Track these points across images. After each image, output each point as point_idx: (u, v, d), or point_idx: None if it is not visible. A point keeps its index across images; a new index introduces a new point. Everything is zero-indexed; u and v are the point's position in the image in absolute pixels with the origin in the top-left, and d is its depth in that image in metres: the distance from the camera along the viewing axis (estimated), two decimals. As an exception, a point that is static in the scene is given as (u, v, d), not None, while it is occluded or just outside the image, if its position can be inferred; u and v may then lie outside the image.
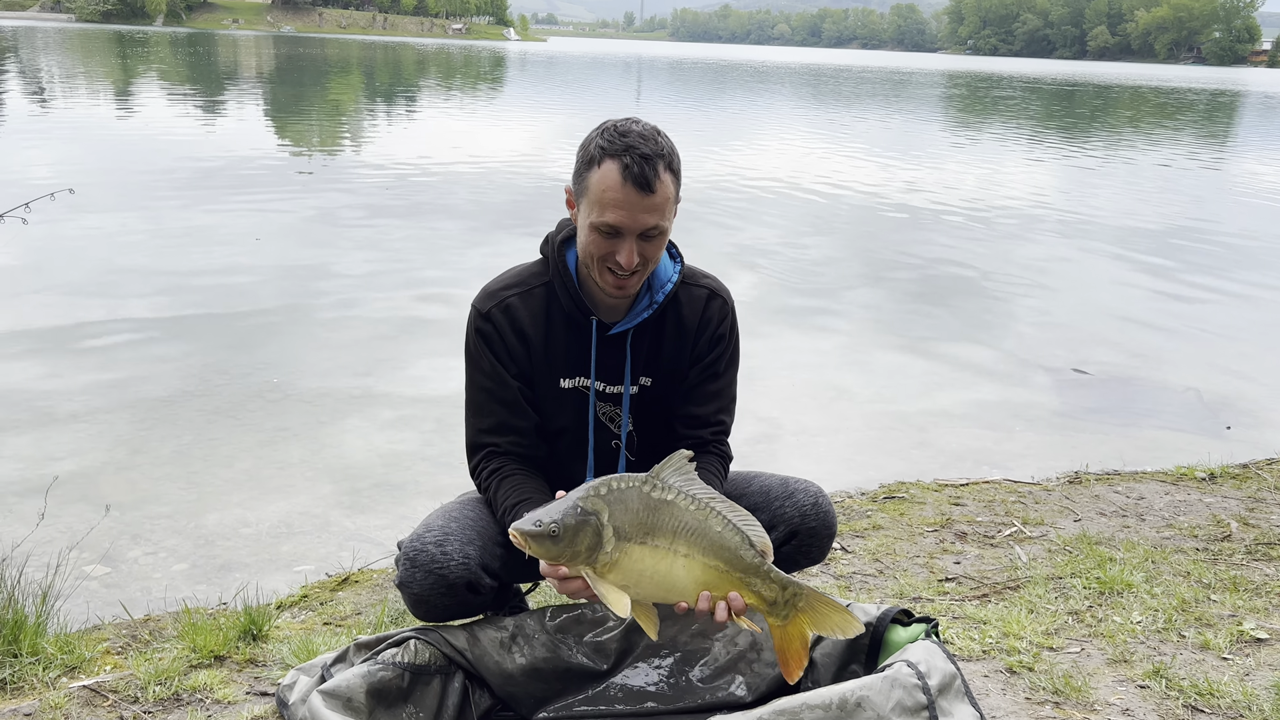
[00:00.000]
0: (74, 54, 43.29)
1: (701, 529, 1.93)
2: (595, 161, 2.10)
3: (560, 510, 1.89)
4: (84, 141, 14.90)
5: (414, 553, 2.13)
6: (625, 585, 1.93)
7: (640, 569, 1.92)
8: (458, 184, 12.46)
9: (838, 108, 33.21)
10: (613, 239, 2.11)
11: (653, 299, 2.28)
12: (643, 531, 1.91)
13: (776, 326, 6.83)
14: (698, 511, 1.93)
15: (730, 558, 1.94)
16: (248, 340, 6.04)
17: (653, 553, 1.92)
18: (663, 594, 1.96)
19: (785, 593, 1.97)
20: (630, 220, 2.08)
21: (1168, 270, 9.26)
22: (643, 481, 1.93)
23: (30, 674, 2.46)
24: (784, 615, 1.99)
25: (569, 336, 2.28)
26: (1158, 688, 2.51)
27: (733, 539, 1.94)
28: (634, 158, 2.05)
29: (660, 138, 2.11)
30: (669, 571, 1.93)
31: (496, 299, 2.27)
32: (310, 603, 3.07)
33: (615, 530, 1.90)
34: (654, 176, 2.06)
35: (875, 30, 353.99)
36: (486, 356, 2.26)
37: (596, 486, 1.92)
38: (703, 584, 1.94)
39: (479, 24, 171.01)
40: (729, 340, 2.35)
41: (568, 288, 2.26)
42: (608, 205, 2.08)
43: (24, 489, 3.98)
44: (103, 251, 8.04)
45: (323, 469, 4.35)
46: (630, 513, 1.91)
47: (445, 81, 38.70)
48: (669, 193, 2.11)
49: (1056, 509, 3.87)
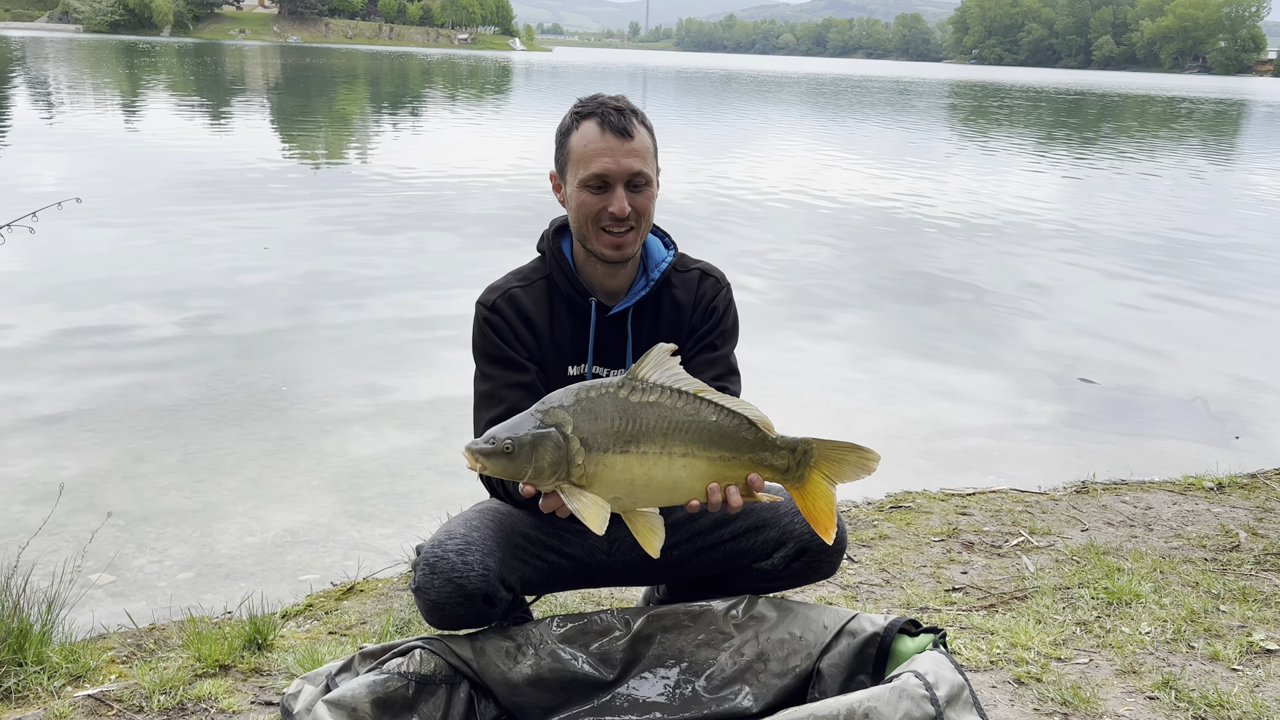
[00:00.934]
0: (81, 64, 43.50)
1: (696, 423, 1.86)
2: (572, 128, 2.21)
3: (516, 425, 1.82)
4: (91, 151, 14.95)
5: (434, 559, 2.11)
6: (616, 498, 1.85)
7: (629, 478, 1.84)
8: (464, 194, 12.49)
9: (842, 117, 33.24)
10: (602, 193, 2.17)
11: (649, 278, 2.31)
12: (623, 440, 1.83)
13: (782, 334, 6.82)
14: (687, 406, 1.85)
15: (735, 443, 1.88)
16: (253, 349, 6.05)
17: (641, 460, 1.84)
18: (667, 498, 1.89)
19: (796, 454, 1.92)
20: (615, 165, 2.15)
21: (1175, 280, 9.24)
22: (618, 386, 1.85)
23: (35, 683, 2.46)
24: (800, 477, 1.93)
25: (572, 322, 2.30)
26: (1167, 699, 2.49)
27: (731, 423, 1.87)
28: (607, 110, 2.17)
29: (628, 101, 2.23)
30: (667, 475, 1.86)
31: (499, 291, 2.30)
32: (315, 612, 3.06)
33: (584, 442, 1.82)
34: (630, 124, 2.17)
35: (880, 40, 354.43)
36: (495, 344, 2.27)
37: (562, 396, 1.85)
38: (711, 478, 1.88)
39: (485, 34, 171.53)
40: (724, 315, 2.35)
41: (565, 272, 2.28)
42: (591, 157, 2.16)
43: (30, 496, 3.98)
44: (109, 260, 8.06)
45: (328, 478, 4.35)
46: (603, 421, 1.83)
47: (451, 91, 38.80)
48: (647, 143, 2.20)
49: (1064, 519, 3.86)
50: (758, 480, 1.92)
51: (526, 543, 2.25)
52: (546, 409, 1.84)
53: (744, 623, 2.25)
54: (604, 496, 1.85)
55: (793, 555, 2.26)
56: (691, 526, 2.32)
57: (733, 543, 2.30)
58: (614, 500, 1.87)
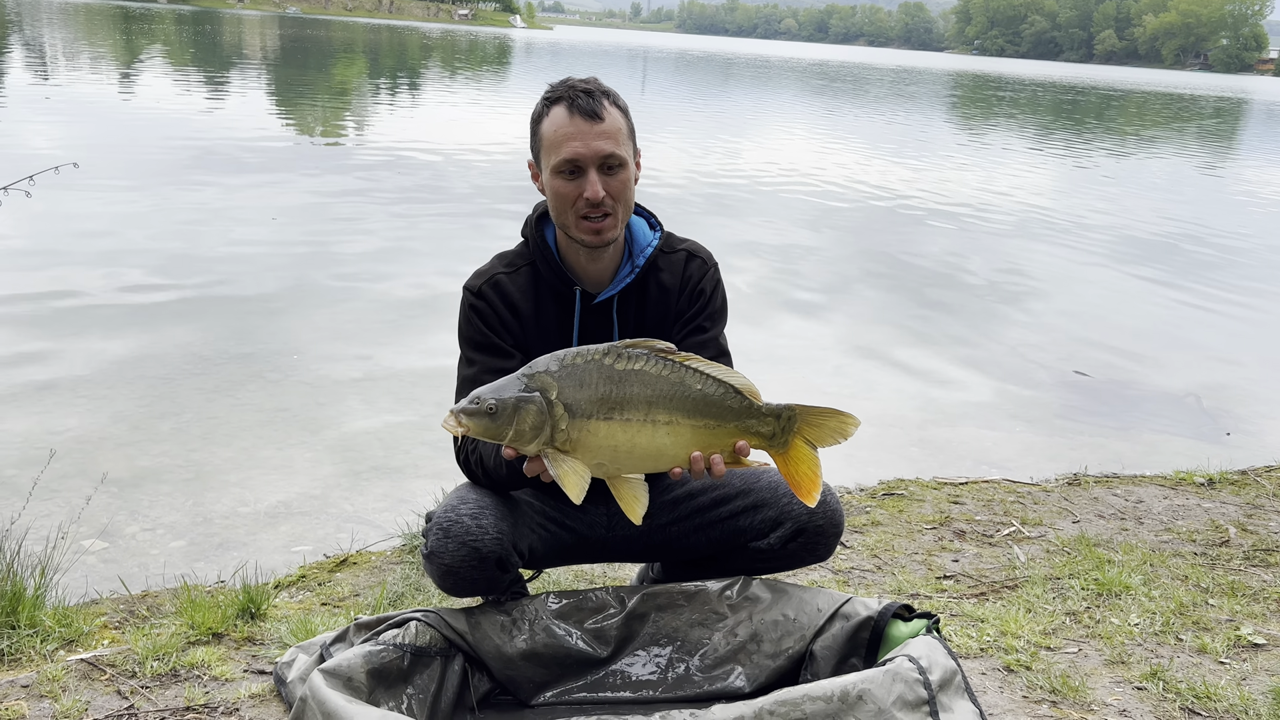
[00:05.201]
0: (78, 29, 43.10)
1: (679, 391, 1.85)
2: (542, 114, 2.19)
3: (501, 387, 1.82)
4: (88, 117, 14.84)
5: (448, 523, 2.10)
6: (599, 464, 1.85)
7: (613, 445, 1.84)
8: (462, 169, 12.43)
9: (843, 104, 33.15)
10: (576, 178, 2.14)
11: (634, 264, 2.29)
12: (607, 407, 1.83)
13: (776, 321, 6.83)
14: (672, 374, 1.85)
15: (719, 411, 1.88)
16: (249, 319, 6.03)
17: (625, 427, 1.84)
18: (651, 465, 1.89)
19: (781, 421, 1.92)
20: (585, 148, 2.12)
21: (1170, 275, 9.26)
22: (604, 353, 1.85)
23: (28, 646, 2.46)
24: (784, 443, 1.93)
25: (558, 310, 2.29)
26: (1155, 689, 2.51)
27: (715, 390, 1.87)
28: (576, 93, 2.15)
29: (599, 83, 2.20)
30: (651, 442, 1.86)
31: (485, 277, 2.30)
32: (308, 583, 3.07)
33: (568, 408, 1.81)
34: (599, 106, 2.14)
35: (882, 28, 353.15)
36: (481, 330, 2.26)
37: (548, 362, 1.85)
38: (695, 445, 1.88)
39: (485, 10, 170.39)
40: (711, 296, 2.33)
41: (549, 260, 2.27)
42: (561, 142, 2.13)
43: (22, 462, 3.97)
44: (105, 226, 8.01)
45: (322, 450, 4.35)
46: (588, 388, 1.83)
47: (451, 67, 38.58)
48: (619, 124, 2.17)
49: (1055, 510, 3.87)
50: (745, 447, 1.92)
51: (532, 511, 2.26)
52: (532, 373, 1.85)
53: (738, 603, 2.26)
54: (587, 462, 1.85)
55: (789, 535, 2.27)
56: (689, 504, 2.32)
57: (730, 521, 2.31)
58: (597, 466, 1.87)
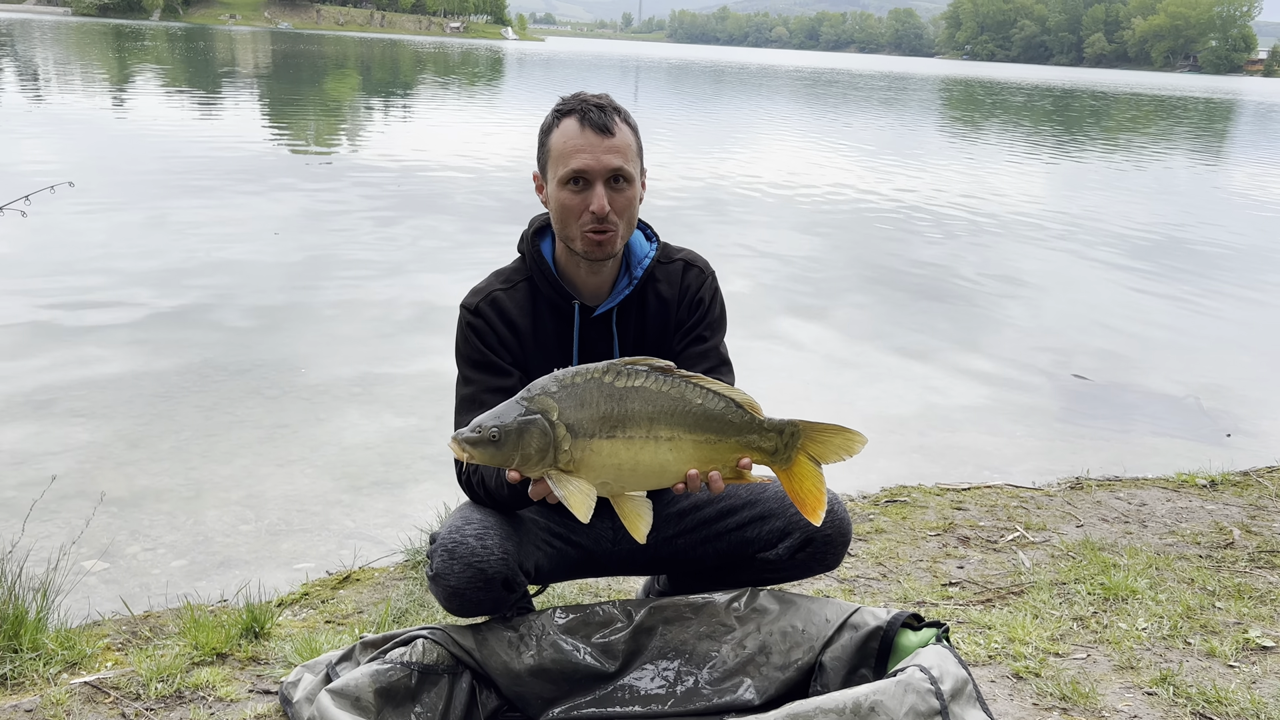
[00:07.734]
0: (71, 48, 43.12)
1: (680, 407, 1.84)
2: (553, 126, 2.18)
3: (502, 412, 1.80)
4: (82, 136, 14.83)
5: (453, 544, 2.09)
6: (603, 483, 1.84)
7: (616, 463, 1.83)
8: (457, 182, 12.44)
9: (834, 111, 33.23)
10: (582, 191, 2.14)
11: (631, 276, 2.28)
12: (609, 425, 1.82)
13: (775, 329, 6.82)
14: (672, 390, 1.84)
15: (720, 426, 1.86)
16: (246, 336, 6.02)
17: (627, 445, 1.83)
18: (654, 482, 1.88)
19: (784, 436, 1.90)
20: (594, 161, 2.12)
21: (1169, 277, 9.27)
22: (603, 371, 1.83)
23: (31, 669, 2.44)
24: (787, 459, 1.92)
25: (557, 324, 2.27)
26: (1165, 695, 2.50)
27: (717, 405, 1.86)
28: (588, 107, 2.15)
29: (611, 99, 2.20)
30: (654, 459, 1.84)
31: (482, 295, 2.28)
32: (311, 600, 3.05)
33: (570, 428, 1.80)
34: (610, 121, 2.14)
35: (873, 34, 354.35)
36: (479, 349, 2.25)
37: (546, 383, 1.84)
38: (697, 461, 1.86)
39: (477, 23, 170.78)
40: (710, 306, 2.32)
41: (546, 275, 2.26)
42: (570, 153, 2.13)
43: (22, 483, 3.95)
44: (100, 245, 8.00)
45: (322, 466, 4.33)
46: (589, 407, 1.81)
47: (443, 80, 38.64)
48: (629, 140, 2.16)
49: (1059, 514, 3.87)
50: (747, 463, 1.91)
51: (537, 529, 2.24)
52: (532, 395, 1.83)
53: (746, 615, 2.25)
54: (591, 482, 1.84)
55: (798, 545, 2.26)
56: (696, 516, 2.31)
57: (738, 532, 2.30)
58: (601, 485, 1.86)
